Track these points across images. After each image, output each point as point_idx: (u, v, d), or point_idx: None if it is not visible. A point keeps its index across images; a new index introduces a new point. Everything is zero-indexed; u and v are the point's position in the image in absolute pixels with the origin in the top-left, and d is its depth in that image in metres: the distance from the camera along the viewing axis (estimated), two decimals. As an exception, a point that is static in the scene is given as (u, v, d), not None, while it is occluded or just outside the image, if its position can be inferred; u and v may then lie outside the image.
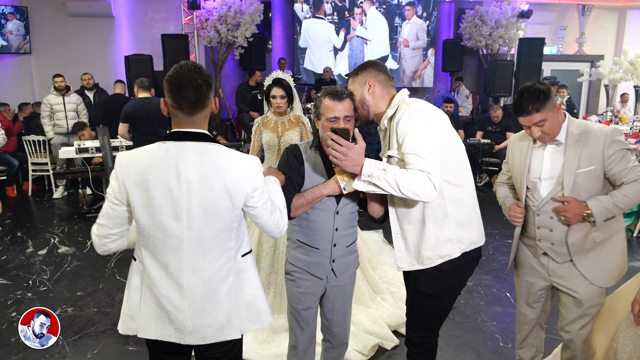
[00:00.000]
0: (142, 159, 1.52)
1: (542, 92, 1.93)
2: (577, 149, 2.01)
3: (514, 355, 2.85)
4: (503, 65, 8.50)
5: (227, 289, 1.59)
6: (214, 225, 1.52)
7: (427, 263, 1.89)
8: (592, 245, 2.06)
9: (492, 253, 4.58)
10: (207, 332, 1.59)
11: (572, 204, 1.98)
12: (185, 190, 1.49)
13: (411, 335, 2.08)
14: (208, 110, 1.57)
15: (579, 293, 2.09)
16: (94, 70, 7.71)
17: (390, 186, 1.71)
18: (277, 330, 2.97)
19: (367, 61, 1.99)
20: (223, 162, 1.52)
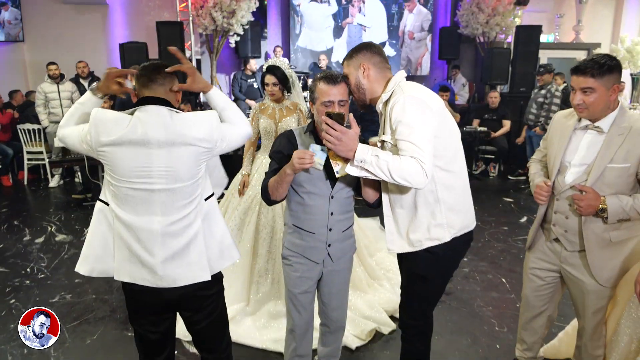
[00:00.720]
0: (114, 119, 1.68)
1: (609, 65, 1.86)
2: (618, 142, 1.92)
3: (509, 340, 2.90)
4: (500, 53, 8.47)
5: (195, 232, 1.75)
6: (182, 177, 1.69)
7: (417, 245, 1.91)
8: (607, 244, 2.01)
9: (488, 240, 4.61)
10: (177, 273, 1.73)
11: (589, 194, 1.94)
12: (154, 147, 1.65)
13: (405, 318, 2.10)
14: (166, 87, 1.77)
15: (587, 284, 2.08)
16: (89, 58, 7.63)
17: (383, 172, 1.72)
18: (275, 316, 2.99)
19: (362, 43, 1.98)
20: (184, 118, 1.71)
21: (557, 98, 6.50)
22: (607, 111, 1.95)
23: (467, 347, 2.85)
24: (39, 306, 3.27)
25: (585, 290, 2.10)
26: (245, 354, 2.76)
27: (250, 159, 3.32)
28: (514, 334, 2.93)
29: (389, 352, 2.78)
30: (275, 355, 2.74)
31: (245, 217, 3.21)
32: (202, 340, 1.93)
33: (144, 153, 1.64)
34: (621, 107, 1.96)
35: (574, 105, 1.98)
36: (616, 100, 1.95)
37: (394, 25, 10.07)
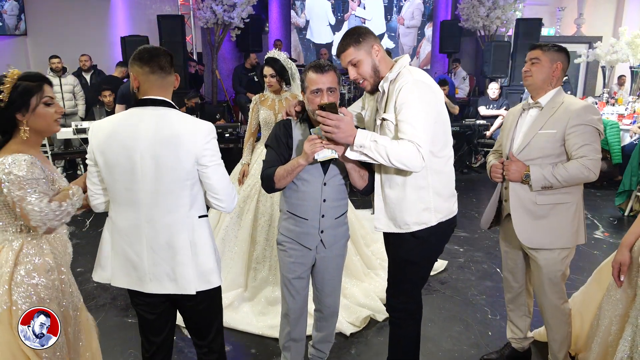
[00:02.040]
0: (108, 125, 1.72)
1: (558, 47, 2.19)
2: (550, 113, 2.17)
3: (501, 327, 2.96)
4: (500, 46, 8.49)
5: (182, 244, 1.72)
6: (165, 183, 1.67)
7: (404, 228, 1.97)
8: (532, 206, 2.18)
9: (484, 231, 4.66)
10: (164, 281, 1.74)
11: (516, 163, 2.15)
12: (140, 151, 1.65)
13: (392, 302, 2.16)
14: (172, 79, 1.77)
15: (538, 258, 2.22)
16: (91, 52, 7.69)
17: (381, 157, 1.79)
18: (272, 302, 3.06)
19: (358, 27, 1.99)
20: (177, 123, 1.68)
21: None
22: (547, 87, 2.20)
23: (459, 333, 2.91)
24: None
25: (537, 264, 2.24)
26: (243, 340, 2.82)
27: (250, 149, 3.39)
28: (505, 321, 2.96)
29: (383, 338, 2.84)
30: (272, 341, 2.80)
31: (244, 205, 3.27)
32: (192, 325, 1.96)
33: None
34: (560, 88, 2.23)
35: (523, 73, 2.24)
36: (558, 82, 2.21)
37: (393, 17, 10.10)
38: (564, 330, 2.31)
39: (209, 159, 1.70)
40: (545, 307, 2.30)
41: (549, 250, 2.20)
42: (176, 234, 1.72)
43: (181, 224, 1.73)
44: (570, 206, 2.19)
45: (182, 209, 1.72)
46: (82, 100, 6.89)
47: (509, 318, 2.56)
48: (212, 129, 1.72)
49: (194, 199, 1.74)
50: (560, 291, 2.26)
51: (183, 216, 1.73)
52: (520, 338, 2.53)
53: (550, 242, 2.19)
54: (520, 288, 2.46)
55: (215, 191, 1.74)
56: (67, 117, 6.70)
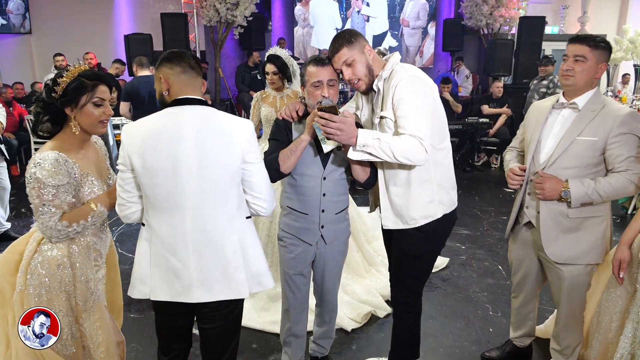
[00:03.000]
0: (145, 126, 1.62)
1: (604, 43, 1.98)
2: (590, 117, 1.98)
3: (502, 323, 2.96)
4: (503, 44, 8.47)
5: (233, 247, 1.66)
6: (214, 182, 1.60)
7: (411, 223, 1.98)
8: (563, 218, 2.05)
9: (486, 229, 4.66)
10: (214, 287, 1.65)
11: (551, 180, 1.99)
12: (185, 150, 1.57)
13: (396, 295, 2.18)
14: (201, 81, 1.69)
15: (563, 271, 2.11)
16: (94, 50, 7.72)
17: (385, 154, 1.79)
18: (274, 298, 3.07)
19: (347, 30, 2.00)
20: (222, 121, 1.63)
21: (560, 88, 6.48)
22: (588, 88, 2.02)
23: (460, 329, 2.92)
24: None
25: (561, 277, 2.13)
26: (244, 335, 2.82)
27: None
28: (507, 318, 2.99)
29: (384, 334, 2.85)
30: (273, 336, 2.81)
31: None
32: (208, 344, 1.83)
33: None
34: (598, 88, 2.05)
35: (561, 72, 2.04)
36: (596, 82, 2.03)
37: (396, 16, 10.09)
38: (579, 337, 2.25)
39: (254, 156, 1.67)
40: (564, 316, 2.20)
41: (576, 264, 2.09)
42: (226, 237, 1.65)
43: (230, 225, 1.66)
44: (602, 220, 2.06)
45: (231, 210, 1.66)
46: (85, 98, 6.91)
47: (514, 322, 2.51)
48: (253, 126, 1.70)
49: (240, 199, 1.69)
50: (583, 302, 2.17)
51: (232, 217, 1.66)
52: (524, 336, 2.51)
53: (579, 257, 2.07)
54: (530, 296, 2.38)
55: (259, 190, 1.70)
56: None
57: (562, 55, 2.07)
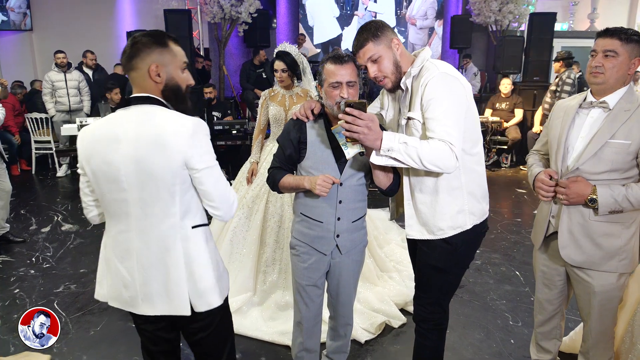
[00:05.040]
0: (93, 130, 1.53)
1: (638, 36, 1.79)
2: (623, 118, 1.81)
3: (523, 334, 2.81)
4: (513, 41, 8.26)
5: (175, 260, 1.51)
6: (152, 186, 1.46)
7: (438, 234, 1.82)
8: (583, 221, 1.89)
9: (500, 232, 4.50)
10: (156, 301, 1.54)
11: (578, 184, 1.82)
12: (123, 154, 1.46)
13: (420, 311, 2.01)
14: (139, 73, 1.49)
15: (593, 285, 1.93)
16: (96, 47, 7.60)
17: (412, 160, 1.63)
18: (282, 307, 2.92)
19: (373, 21, 1.82)
20: (160, 121, 1.45)
21: (567, 85, 6.30)
22: (619, 85, 1.84)
23: (480, 341, 2.76)
24: (43, 296, 3.25)
25: (591, 291, 1.95)
26: (252, 347, 2.69)
27: (259, 146, 3.24)
28: (528, 329, 2.84)
29: (399, 346, 2.70)
30: (282, 348, 2.67)
31: (253, 206, 3.13)
32: (199, 352, 1.72)
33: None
34: (631, 85, 1.87)
35: (590, 69, 1.85)
36: (630, 78, 1.85)
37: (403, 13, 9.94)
38: (610, 352, 2.08)
39: (198, 160, 1.45)
40: (594, 333, 2.03)
41: (607, 274, 1.90)
42: (168, 248, 1.51)
43: (172, 236, 1.50)
44: (627, 226, 1.88)
45: (171, 219, 1.49)
46: (87, 96, 6.79)
47: (536, 341, 2.31)
48: (199, 125, 1.46)
49: (187, 206, 1.52)
50: (614, 317, 2.00)
51: (174, 227, 1.50)
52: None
53: (597, 263, 1.90)
54: (555, 311, 2.19)
55: (210, 198, 1.51)
56: (72, 113, 6.61)
57: (590, 51, 1.88)
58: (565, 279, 2.12)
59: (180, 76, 1.54)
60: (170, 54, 1.50)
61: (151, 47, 1.47)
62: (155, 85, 1.49)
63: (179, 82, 1.53)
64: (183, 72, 1.55)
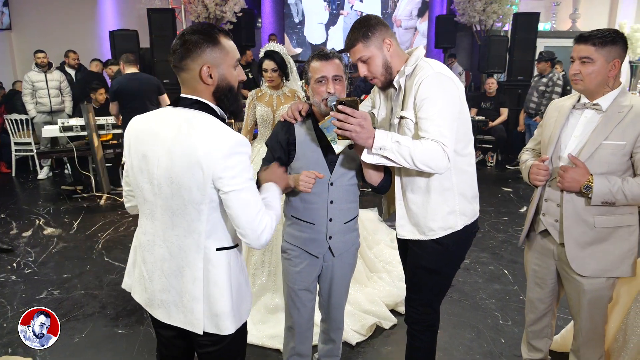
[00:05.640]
0: (141, 121, 1.48)
1: (612, 37, 1.77)
2: (616, 119, 1.81)
3: (513, 333, 2.81)
4: (497, 40, 8.35)
5: (193, 277, 1.44)
6: (180, 197, 1.39)
7: (429, 234, 1.81)
8: (589, 228, 1.88)
9: (488, 230, 4.52)
10: (172, 310, 1.48)
11: (579, 168, 1.82)
12: (158, 155, 1.39)
13: (411, 312, 2.00)
14: (190, 75, 1.41)
15: (583, 283, 1.94)
16: (78, 46, 7.45)
17: (404, 159, 1.61)
18: (272, 310, 2.89)
19: (367, 18, 1.78)
20: (199, 131, 1.36)
21: (559, 86, 6.41)
22: (604, 88, 1.85)
23: (470, 341, 2.76)
24: (25, 302, 3.16)
25: (581, 290, 1.95)
26: (241, 351, 2.65)
27: None
28: (518, 327, 2.85)
29: (391, 347, 2.68)
30: (273, 352, 2.63)
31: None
32: None
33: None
34: (623, 87, 1.87)
35: (570, 76, 1.88)
36: (617, 80, 1.85)
37: (388, 12, 9.95)
38: (601, 351, 2.09)
39: (228, 182, 1.33)
40: (585, 331, 2.04)
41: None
42: (190, 263, 1.44)
43: (195, 252, 1.43)
44: (633, 230, 1.89)
45: (196, 236, 1.42)
46: (69, 97, 6.65)
47: (527, 340, 2.31)
48: (237, 145, 1.34)
49: (214, 226, 1.42)
50: (604, 316, 2.00)
51: (198, 244, 1.42)
52: (538, 359, 2.32)
53: (608, 270, 1.90)
54: (546, 309, 2.20)
55: (237, 222, 1.38)
56: (53, 114, 6.46)
57: (570, 57, 1.90)
58: (556, 277, 2.12)
59: (232, 75, 1.45)
60: (222, 52, 1.40)
61: (202, 46, 1.37)
62: (207, 87, 1.41)
63: (231, 81, 1.45)
64: (235, 69, 1.46)
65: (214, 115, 1.41)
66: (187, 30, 1.40)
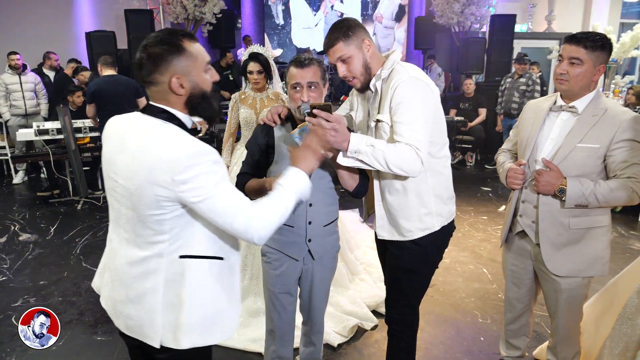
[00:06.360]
0: (112, 125, 1.43)
1: (603, 42, 1.80)
2: (591, 122, 1.84)
3: (492, 331, 2.86)
4: (475, 42, 8.47)
5: (153, 287, 1.36)
6: (141, 208, 1.32)
7: (407, 235, 1.84)
8: (564, 229, 1.92)
9: (467, 230, 4.59)
10: (129, 323, 1.42)
11: (552, 172, 1.86)
12: (122, 164, 1.34)
13: (392, 313, 2.02)
14: (160, 87, 1.33)
15: (559, 282, 1.98)
16: (54, 48, 7.31)
17: (379, 163, 1.63)
18: (254, 314, 2.88)
19: (346, 19, 1.79)
20: (159, 143, 1.27)
21: (538, 85, 6.58)
22: (585, 91, 1.88)
23: (450, 339, 2.80)
24: (0, 311, 3.09)
25: (558, 289, 2.00)
26: (223, 356, 2.63)
27: (229, 149, 3.19)
28: (497, 325, 2.90)
29: (372, 348, 2.70)
30: (255, 355, 2.62)
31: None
32: None
33: None
34: (598, 90, 1.91)
35: (556, 75, 1.89)
36: (596, 83, 1.89)
37: (369, 13, 10.01)
38: (577, 347, 2.15)
39: (193, 194, 1.26)
40: (561, 328, 2.09)
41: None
42: (148, 275, 1.37)
43: (156, 261, 1.35)
44: (606, 230, 1.94)
45: (157, 247, 1.35)
46: (44, 100, 6.51)
47: (506, 338, 2.36)
48: (197, 155, 1.26)
49: (178, 236, 1.35)
50: (580, 313, 2.06)
51: (160, 253, 1.35)
52: (517, 356, 2.37)
53: (583, 270, 1.95)
54: (524, 309, 2.25)
55: (223, 228, 1.33)
56: (28, 117, 6.33)
57: (558, 55, 1.92)
58: (533, 277, 2.16)
59: (204, 80, 1.37)
60: (190, 59, 1.32)
61: (168, 57, 1.30)
62: (179, 97, 1.34)
63: (204, 87, 1.37)
64: (207, 72, 1.38)
65: (181, 126, 1.35)
66: (149, 41, 1.32)
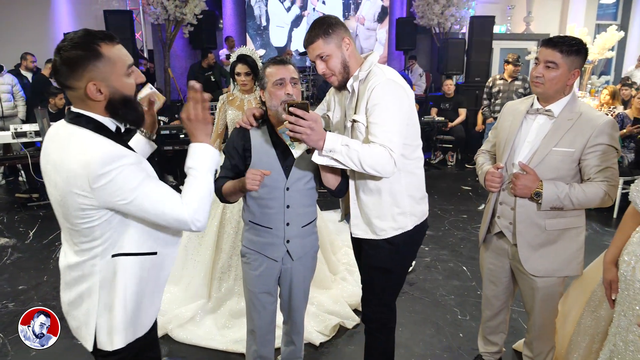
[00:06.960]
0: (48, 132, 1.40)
1: (578, 47, 1.83)
2: (566, 126, 1.89)
3: (471, 328, 2.92)
4: (455, 43, 8.58)
5: (89, 289, 1.38)
6: (69, 215, 1.31)
7: (380, 234, 1.87)
8: (541, 231, 1.98)
9: (448, 228, 4.66)
10: (72, 324, 1.47)
11: (529, 175, 1.90)
12: (48, 174, 1.33)
13: (367, 311, 2.06)
14: (77, 93, 1.29)
15: (536, 281, 2.04)
16: (31, 49, 7.20)
17: (353, 162, 1.66)
18: (237, 315, 2.89)
19: (327, 17, 1.81)
20: (74, 150, 1.25)
21: (527, 82, 6.65)
22: (560, 95, 1.92)
23: (431, 337, 2.85)
24: (-22, 317, 3.04)
25: (534, 287, 2.06)
26: (205, 357, 2.64)
27: None
28: (476, 322, 2.96)
29: (354, 346, 2.73)
30: (237, 356, 2.63)
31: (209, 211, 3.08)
32: None
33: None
34: (574, 94, 1.96)
35: (532, 78, 1.94)
36: (571, 87, 1.94)
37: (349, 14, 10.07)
38: (552, 342, 2.22)
39: (114, 198, 1.25)
40: (537, 324, 2.15)
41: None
42: (86, 276, 1.37)
43: (91, 264, 1.36)
44: (580, 231, 1.99)
45: (93, 250, 1.35)
46: (22, 102, 6.42)
47: (484, 334, 2.43)
48: (109, 161, 1.22)
49: (110, 238, 1.35)
50: (555, 309, 2.12)
51: (94, 256, 1.35)
52: (494, 352, 2.44)
53: (558, 270, 2.01)
54: (502, 306, 2.31)
55: (158, 224, 1.35)
56: (5, 120, 6.23)
57: (535, 58, 1.96)
58: (510, 275, 2.22)
59: (125, 84, 1.32)
60: (108, 64, 1.26)
61: (83, 62, 1.24)
62: (98, 103, 1.30)
63: (125, 91, 1.32)
64: (128, 76, 1.33)
65: (102, 129, 1.32)
66: (65, 44, 1.25)
